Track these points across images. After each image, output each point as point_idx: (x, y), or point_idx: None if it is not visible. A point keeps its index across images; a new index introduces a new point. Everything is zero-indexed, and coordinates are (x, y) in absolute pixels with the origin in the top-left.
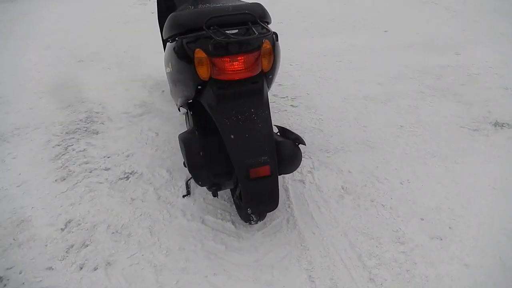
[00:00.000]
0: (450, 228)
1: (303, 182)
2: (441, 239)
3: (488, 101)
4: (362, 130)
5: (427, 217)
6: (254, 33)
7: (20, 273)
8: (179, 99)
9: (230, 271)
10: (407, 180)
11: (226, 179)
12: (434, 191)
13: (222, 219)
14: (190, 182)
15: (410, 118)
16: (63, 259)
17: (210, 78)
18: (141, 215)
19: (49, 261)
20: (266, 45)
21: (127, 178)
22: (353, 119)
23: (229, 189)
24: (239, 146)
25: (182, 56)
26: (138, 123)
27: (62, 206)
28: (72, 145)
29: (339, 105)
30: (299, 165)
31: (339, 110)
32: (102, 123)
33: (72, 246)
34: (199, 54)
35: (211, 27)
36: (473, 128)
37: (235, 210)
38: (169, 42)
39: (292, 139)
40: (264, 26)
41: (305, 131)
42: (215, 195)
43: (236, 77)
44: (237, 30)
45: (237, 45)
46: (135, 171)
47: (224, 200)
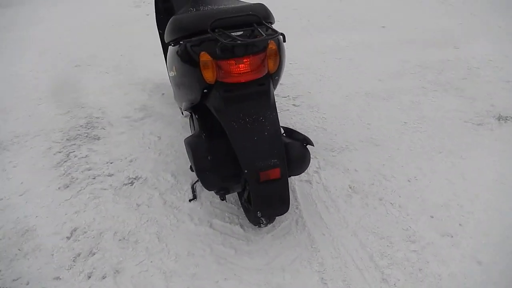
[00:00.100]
0: (460, 225)
1: (310, 183)
2: (452, 237)
3: (490, 94)
4: (366, 128)
5: (437, 214)
6: (261, 34)
7: (27, 284)
8: (184, 103)
9: (241, 276)
10: (414, 177)
11: (234, 183)
12: (441, 188)
13: (230, 223)
14: (195, 186)
15: (413, 114)
16: (71, 268)
17: (216, 81)
18: (147, 221)
19: (56, 270)
20: (272, 46)
21: (132, 183)
22: (356, 117)
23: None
24: (248, 149)
25: (187, 59)
26: (139, 127)
27: (66, 214)
28: (73, 151)
29: (341, 103)
30: (308, 166)
31: (342, 108)
32: (103, 128)
33: (79, 254)
34: (205, 57)
35: (216, 30)
36: (477, 122)
37: (243, 213)
38: (171, 45)
39: (300, 140)
40: (269, 27)
41: (308, 130)
42: (223, 199)
43: (242, 79)
44: (242, 32)
45: (243, 47)
46: (139, 176)
47: (231, 203)
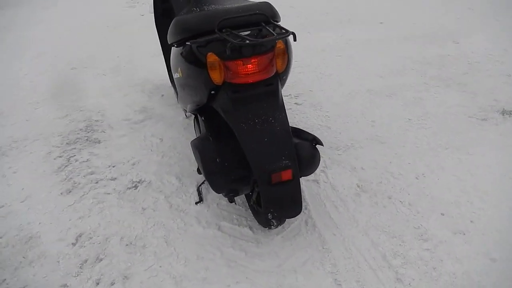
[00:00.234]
0: (471, 222)
1: (317, 182)
2: (464, 234)
3: (492, 89)
4: (370, 125)
5: (447, 211)
6: (272, 34)
7: None
8: (189, 105)
9: (253, 279)
10: (422, 174)
11: (243, 185)
12: (450, 184)
13: (238, 225)
14: (201, 188)
15: (416, 111)
16: (78, 275)
17: (224, 82)
18: (154, 225)
19: (63, 278)
20: (280, 45)
21: (136, 187)
22: (359, 115)
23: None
24: (259, 151)
25: (193, 60)
26: (140, 130)
27: (70, 220)
28: (74, 155)
29: (344, 100)
30: (318, 166)
31: (344, 106)
32: (103, 132)
33: (85, 261)
34: (212, 58)
35: (223, 30)
36: (481, 117)
37: (251, 214)
38: (174, 46)
39: (309, 140)
40: (278, 26)
41: (312, 129)
42: (232, 201)
43: (251, 80)
44: (249, 32)
45: (250, 47)
46: (143, 180)
47: (238, 205)
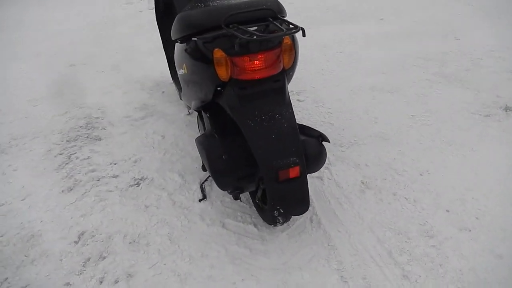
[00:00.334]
0: (477, 218)
1: (321, 179)
2: (470, 231)
3: (495, 85)
4: (373, 122)
5: (453, 208)
6: (280, 29)
7: None
8: (194, 102)
9: (259, 276)
10: (427, 171)
11: (249, 182)
12: (455, 181)
13: (243, 222)
14: (204, 185)
15: (419, 107)
16: (81, 274)
17: (231, 78)
18: (157, 223)
19: (66, 276)
20: (287, 41)
21: (138, 184)
22: (362, 111)
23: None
24: (266, 148)
25: (199, 57)
26: (141, 127)
27: (72, 218)
28: (75, 153)
29: (346, 97)
30: (324, 163)
31: (347, 103)
32: (104, 129)
33: (88, 259)
34: (218, 54)
35: (230, 25)
36: (484, 114)
37: (255, 212)
38: (178, 42)
39: (315, 137)
40: (287, 21)
41: (315, 126)
42: (237, 198)
43: (258, 76)
44: (256, 27)
45: (257, 43)
46: (146, 177)
47: (242, 202)
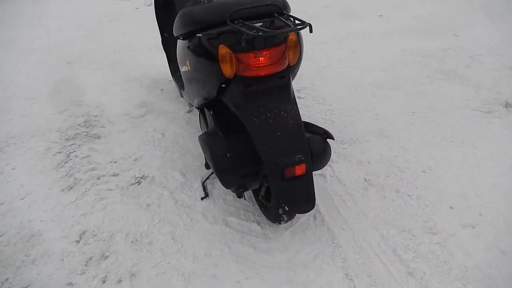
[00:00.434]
0: (480, 215)
1: (324, 176)
2: (473, 227)
3: (495, 82)
4: (374, 119)
5: (456, 205)
6: (287, 25)
7: None
8: (196, 99)
9: (263, 275)
10: (429, 167)
11: (253, 180)
12: (458, 178)
13: (246, 220)
14: (206, 183)
15: (420, 104)
16: (83, 273)
17: (235, 75)
18: (160, 221)
19: (68, 276)
20: (292, 37)
21: (139, 183)
22: (363, 108)
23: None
24: (271, 145)
25: (203, 53)
26: (141, 125)
27: (73, 217)
28: (74, 151)
29: (347, 94)
30: (329, 160)
31: (348, 100)
32: (103, 127)
33: (90, 258)
34: (223, 50)
35: (235, 21)
36: (485, 110)
37: (258, 210)
38: (180, 39)
39: (320, 134)
40: (293, 17)
41: (316, 123)
42: (241, 196)
43: (263, 72)
44: (261, 23)
45: (262, 39)
46: (146, 175)
47: (245, 200)
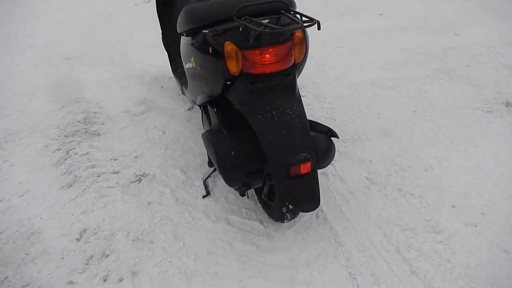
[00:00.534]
0: (483, 214)
1: (326, 175)
2: (476, 226)
3: (495, 81)
4: (375, 118)
5: (458, 203)
6: (295, 21)
7: None
8: (200, 96)
9: (266, 273)
10: (431, 166)
11: (257, 178)
12: (459, 177)
13: (248, 219)
14: (208, 181)
15: (421, 103)
16: (84, 272)
17: (241, 72)
18: (161, 220)
19: (68, 274)
20: (298, 34)
21: (140, 180)
22: (364, 107)
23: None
24: (277, 143)
25: (208, 50)
26: (141, 122)
27: (73, 215)
28: (73, 148)
29: (348, 92)
30: (333, 158)
31: (349, 98)
32: (102, 124)
33: (91, 257)
34: (229, 47)
35: (242, 18)
36: (486, 109)
37: (261, 208)
38: (184, 35)
39: (324, 132)
40: (301, 14)
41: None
42: (244, 195)
43: (269, 70)
44: (268, 20)
45: (269, 36)
46: (147, 173)
47: (247, 198)
